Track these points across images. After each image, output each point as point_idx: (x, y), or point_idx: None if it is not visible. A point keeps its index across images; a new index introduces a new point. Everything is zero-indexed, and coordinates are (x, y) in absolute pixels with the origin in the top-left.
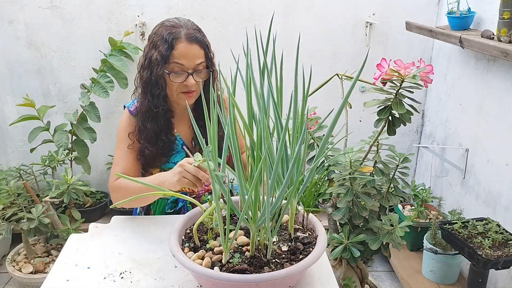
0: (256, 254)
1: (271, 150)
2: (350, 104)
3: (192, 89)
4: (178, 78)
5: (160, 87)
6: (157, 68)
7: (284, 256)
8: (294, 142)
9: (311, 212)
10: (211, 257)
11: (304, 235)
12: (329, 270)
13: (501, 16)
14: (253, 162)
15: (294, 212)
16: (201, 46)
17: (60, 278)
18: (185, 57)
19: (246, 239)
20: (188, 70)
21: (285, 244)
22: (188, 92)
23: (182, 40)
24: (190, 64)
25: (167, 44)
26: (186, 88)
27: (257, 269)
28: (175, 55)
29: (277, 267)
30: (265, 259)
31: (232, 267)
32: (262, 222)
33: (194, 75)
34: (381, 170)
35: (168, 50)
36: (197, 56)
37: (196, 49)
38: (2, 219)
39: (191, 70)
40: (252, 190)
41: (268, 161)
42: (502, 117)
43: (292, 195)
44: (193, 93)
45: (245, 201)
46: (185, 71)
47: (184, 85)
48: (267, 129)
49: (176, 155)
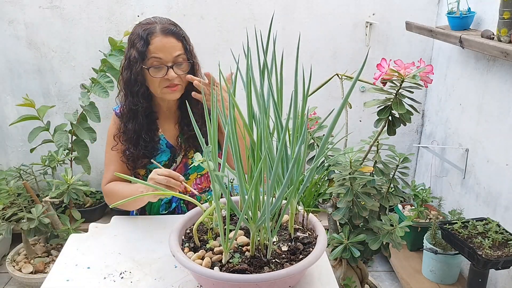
0: (256, 254)
1: (271, 150)
2: (350, 104)
3: (174, 82)
4: (158, 72)
5: (138, 84)
6: (135, 65)
7: (284, 256)
8: (294, 142)
9: (311, 212)
10: (211, 257)
11: (304, 235)
12: (329, 270)
13: (501, 16)
14: (253, 162)
15: (294, 212)
16: (178, 38)
17: (60, 278)
18: (161, 50)
19: (246, 239)
20: (167, 63)
21: (285, 244)
22: (171, 86)
23: (157, 34)
24: (168, 57)
25: (143, 40)
26: (168, 82)
27: (257, 269)
28: (151, 49)
29: (277, 267)
30: (265, 259)
31: (232, 267)
32: (262, 222)
33: (174, 67)
34: (381, 170)
35: (144, 46)
36: (174, 48)
37: (172, 41)
38: (2, 219)
39: (170, 63)
40: (252, 190)
41: (268, 161)
42: (502, 117)
43: (292, 195)
44: (177, 87)
45: (245, 201)
46: (164, 64)
47: (166, 79)
48: (267, 129)
49: (161, 155)
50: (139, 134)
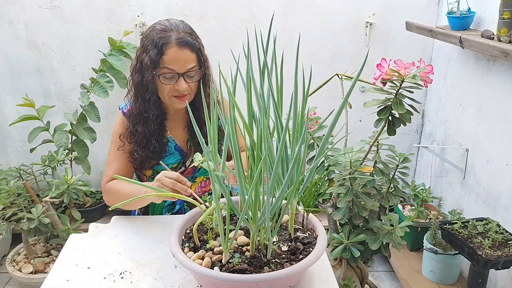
0: (256, 254)
1: (271, 150)
2: (350, 104)
3: (184, 93)
4: (169, 80)
5: (150, 92)
6: (147, 72)
7: (284, 256)
8: (294, 142)
9: (311, 212)
10: (211, 257)
11: (304, 235)
12: (329, 270)
13: (501, 16)
14: (253, 162)
15: (294, 212)
16: (193, 49)
17: (60, 278)
18: (175, 62)
19: (246, 239)
20: (179, 73)
21: (285, 244)
22: (180, 96)
23: (172, 45)
24: (181, 69)
25: (157, 49)
26: (177, 92)
27: (257, 269)
28: (165, 60)
29: (277, 267)
30: (265, 259)
31: (232, 267)
32: (262, 222)
33: (185, 77)
34: (381, 170)
35: (158, 55)
36: (188, 61)
37: (187, 54)
38: (2, 219)
39: (182, 73)
40: (252, 190)
41: (268, 161)
42: (502, 117)
43: (292, 195)
44: (186, 97)
45: (245, 201)
46: (176, 73)
47: (176, 89)
48: (267, 129)
49: (170, 157)
50: (149, 138)
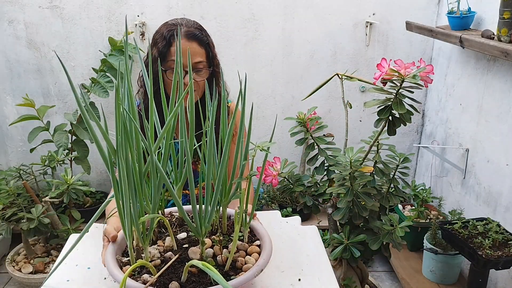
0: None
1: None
2: (350, 104)
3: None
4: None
5: (157, 85)
6: (154, 65)
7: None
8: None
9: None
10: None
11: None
12: (329, 270)
13: (501, 16)
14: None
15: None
16: (201, 44)
17: (60, 278)
18: (183, 54)
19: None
20: (185, 67)
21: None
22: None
23: (180, 37)
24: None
25: (165, 40)
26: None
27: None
28: (172, 52)
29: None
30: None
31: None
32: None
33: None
34: (381, 170)
35: (166, 46)
36: (195, 54)
37: (194, 47)
38: (2, 219)
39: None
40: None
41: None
42: (502, 117)
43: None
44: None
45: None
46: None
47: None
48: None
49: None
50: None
